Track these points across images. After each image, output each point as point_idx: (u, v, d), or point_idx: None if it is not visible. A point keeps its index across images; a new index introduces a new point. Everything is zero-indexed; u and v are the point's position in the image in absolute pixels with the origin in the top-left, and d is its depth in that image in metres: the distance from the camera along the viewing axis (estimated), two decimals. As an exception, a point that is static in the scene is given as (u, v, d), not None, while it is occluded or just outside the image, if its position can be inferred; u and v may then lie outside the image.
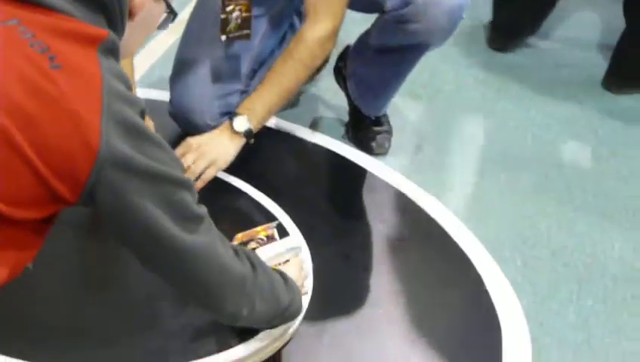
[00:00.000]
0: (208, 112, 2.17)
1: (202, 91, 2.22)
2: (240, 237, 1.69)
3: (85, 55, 1.12)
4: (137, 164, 1.16)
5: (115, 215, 1.20)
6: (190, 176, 1.93)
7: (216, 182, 2.06)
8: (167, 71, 2.32)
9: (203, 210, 1.32)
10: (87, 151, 1.09)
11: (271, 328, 1.59)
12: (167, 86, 2.32)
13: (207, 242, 1.32)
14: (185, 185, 1.27)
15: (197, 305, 1.47)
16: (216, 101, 2.20)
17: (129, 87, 1.19)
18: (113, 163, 1.12)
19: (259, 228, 1.74)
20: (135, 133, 1.16)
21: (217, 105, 2.18)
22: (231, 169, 2.11)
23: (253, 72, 2.29)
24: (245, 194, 2.07)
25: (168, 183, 1.23)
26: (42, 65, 1.08)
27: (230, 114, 2.11)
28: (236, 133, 2.07)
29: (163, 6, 1.38)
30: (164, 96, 2.35)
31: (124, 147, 1.13)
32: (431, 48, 2.18)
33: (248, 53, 2.28)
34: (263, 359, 1.62)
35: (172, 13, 1.39)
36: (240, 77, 2.27)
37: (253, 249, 1.67)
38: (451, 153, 2.47)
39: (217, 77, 2.24)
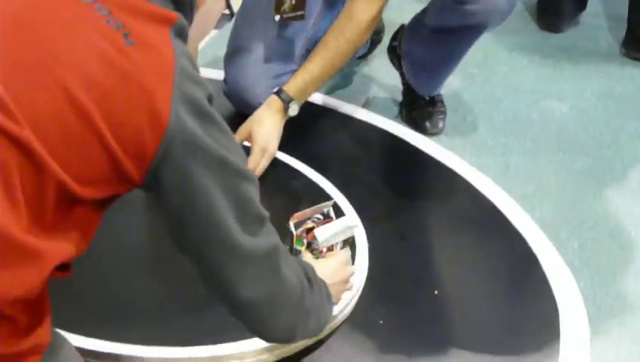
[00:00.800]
0: (263, 92, 2.17)
1: (257, 71, 2.23)
2: (297, 216, 1.69)
3: (158, 34, 1.12)
4: (205, 145, 1.13)
5: (177, 198, 1.16)
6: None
7: (275, 163, 2.08)
8: (221, 50, 2.32)
9: (265, 212, 1.25)
10: (156, 127, 1.08)
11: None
12: (221, 65, 2.33)
13: (268, 248, 1.24)
14: (251, 178, 1.22)
15: (248, 322, 1.31)
16: (271, 81, 2.20)
17: (198, 71, 1.18)
18: (181, 141, 1.11)
19: (315, 208, 1.73)
20: (204, 115, 1.14)
21: (271, 85, 2.18)
22: (286, 149, 2.12)
23: (307, 53, 2.28)
24: (300, 173, 2.08)
25: (235, 173, 1.19)
26: (117, 41, 1.08)
27: (280, 91, 2.10)
28: (286, 115, 2.08)
29: (222, 4, 1.36)
30: (217, 75, 2.36)
31: (193, 126, 1.12)
32: (489, 29, 2.17)
33: (303, 33, 2.28)
34: (320, 337, 1.62)
35: (230, 14, 1.36)
36: (294, 57, 2.28)
37: (311, 228, 1.65)
38: (506, 134, 2.45)
39: (272, 57, 2.25)
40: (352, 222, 1.73)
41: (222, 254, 1.20)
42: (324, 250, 1.64)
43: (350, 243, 1.71)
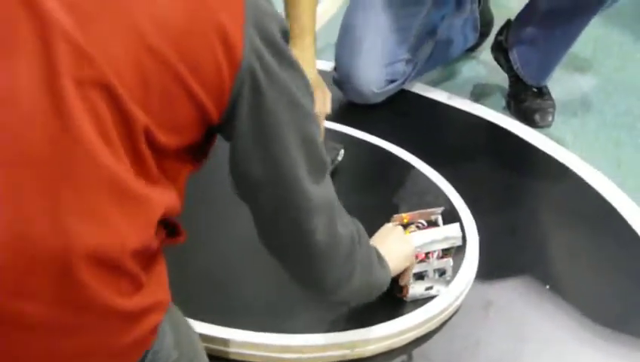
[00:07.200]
0: (376, 80, 2.16)
1: (370, 58, 2.22)
2: (397, 218, 1.64)
3: None
4: (279, 80, 1.11)
5: (248, 133, 1.12)
6: None
7: (384, 154, 2.09)
8: (332, 38, 2.32)
9: (327, 158, 1.23)
10: (231, 61, 1.06)
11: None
12: (331, 54, 2.33)
13: (328, 198, 1.22)
14: (317, 122, 1.19)
15: (296, 272, 1.31)
16: (383, 69, 2.20)
17: (270, 4, 1.14)
18: (256, 73, 1.08)
19: (422, 212, 1.66)
20: (276, 49, 1.11)
21: (384, 73, 2.18)
22: (395, 141, 2.13)
23: (418, 42, 2.27)
24: (409, 165, 2.08)
25: (304, 113, 1.16)
26: None
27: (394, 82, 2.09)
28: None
29: None
30: (325, 66, 2.37)
31: (268, 60, 1.09)
32: (604, 8, 2.12)
33: (416, 22, 2.27)
34: (429, 329, 1.63)
35: None
36: (407, 46, 2.27)
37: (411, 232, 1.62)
38: (617, 128, 2.39)
39: (385, 45, 2.24)
40: (454, 233, 1.62)
41: (285, 194, 1.17)
42: (421, 256, 1.60)
43: (452, 254, 1.64)
